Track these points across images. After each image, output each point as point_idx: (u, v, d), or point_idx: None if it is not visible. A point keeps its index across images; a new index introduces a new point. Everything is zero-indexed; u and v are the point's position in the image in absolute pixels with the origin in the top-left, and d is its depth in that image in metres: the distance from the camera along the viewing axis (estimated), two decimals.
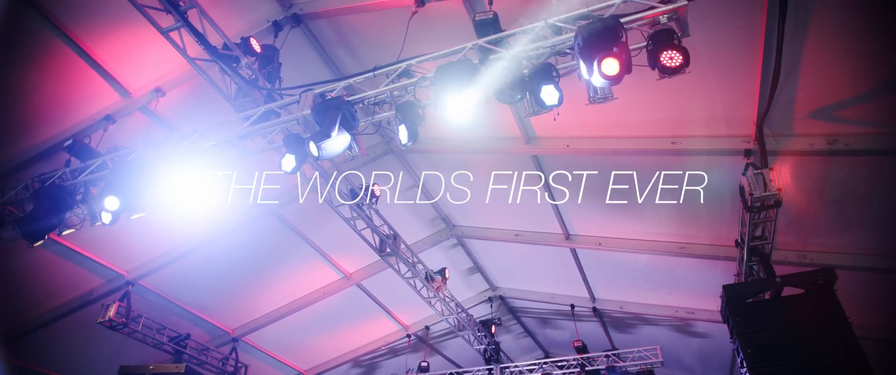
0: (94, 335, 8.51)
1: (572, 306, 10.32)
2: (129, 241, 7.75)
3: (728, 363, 11.50)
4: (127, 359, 8.48)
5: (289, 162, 4.74)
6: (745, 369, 5.65)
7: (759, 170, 5.33)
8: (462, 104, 4.14)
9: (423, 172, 8.13)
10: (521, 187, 7.98)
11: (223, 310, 9.45)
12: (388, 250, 7.24)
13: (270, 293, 9.39)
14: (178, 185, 5.62)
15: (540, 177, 7.51)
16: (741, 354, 5.68)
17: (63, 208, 5.45)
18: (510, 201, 8.40)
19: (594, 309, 10.28)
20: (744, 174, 5.44)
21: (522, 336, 13.14)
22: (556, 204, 7.99)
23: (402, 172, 8.12)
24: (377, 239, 7.19)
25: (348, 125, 4.33)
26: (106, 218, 5.37)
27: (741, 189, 5.48)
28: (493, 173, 7.94)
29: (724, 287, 5.91)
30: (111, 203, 5.06)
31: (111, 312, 7.66)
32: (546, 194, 7.78)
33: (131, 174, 5.15)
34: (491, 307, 11.10)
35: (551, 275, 10.08)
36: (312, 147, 4.26)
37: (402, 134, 4.43)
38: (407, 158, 7.86)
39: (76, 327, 8.40)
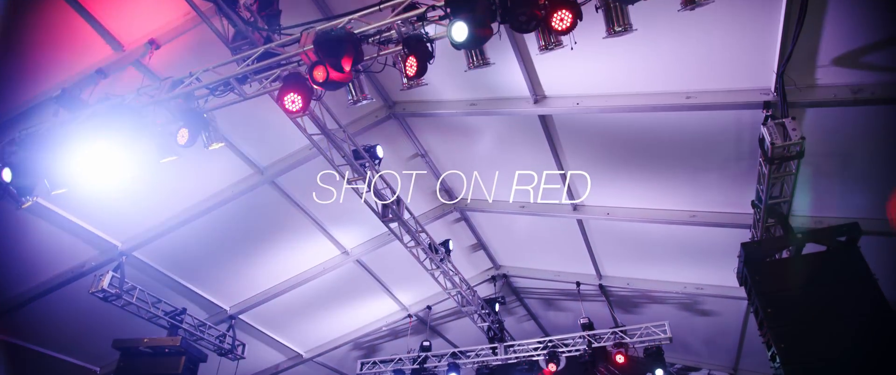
0: (88, 309, 8.26)
1: (578, 283, 10.10)
2: (122, 211, 7.50)
3: (735, 347, 11.32)
4: (121, 334, 8.21)
5: (293, 101, 4.48)
6: (765, 329, 5.43)
7: (780, 120, 5.10)
8: (475, 32, 3.87)
9: (426, 138, 7.88)
10: (528, 156, 7.77)
11: (220, 287, 9.19)
12: (391, 216, 6.99)
13: (268, 268, 9.13)
14: (169, 143, 5.40)
15: (547, 143, 7.28)
16: (761, 314, 5.46)
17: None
18: (516, 170, 8.19)
19: (600, 287, 10.05)
20: (764, 125, 5.20)
21: (525, 319, 12.90)
22: (563, 173, 7.75)
23: (404, 140, 7.87)
24: (379, 204, 6.95)
25: (354, 58, 4.09)
26: None
27: (761, 140, 5.26)
28: (499, 141, 7.75)
29: (743, 245, 5.69)
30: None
31: (104, 282, 7.41)
32: (553, 161, 7.53)
33: (122, 122, 4.89)
34: (494, 286, 10.87)
35: (557, 251, 9.85)
36: (318, 72, 4.00)
37: (410, 66, 4.15)
38: (409, 123, 7.61)
39: (68, 301, 8.13)
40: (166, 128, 5.51)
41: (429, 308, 10.92)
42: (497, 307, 10.05)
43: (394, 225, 7.25)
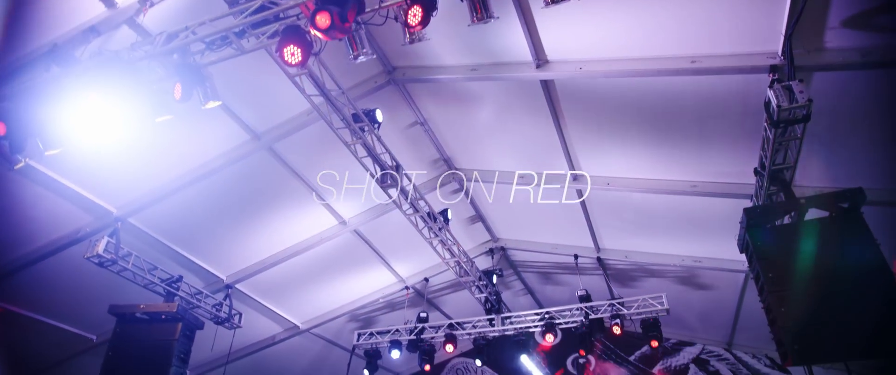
0: (83, 276, 8.19)
1: (576, 256, 10.08)
2: (117, 176, 7.38)
3: (730, 322, 11.40)
4: (117, 302, 8.14)
5: (292, 53, 4.36)
6: (766, 294, 5.41)
7: (787, 82, 5.01)
8: None
9: (425, 106, 7.77)
10: (528, 124, 7.69)
11: (216, 255, 9.11)
12: (390, 182, 6.91)
13: (264, 238, 9.06)
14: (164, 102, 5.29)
15: (548, 111, 7.19)
16: (762, 279, 5.44)
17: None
18: (517, 140, 8.12)
19: (598, 259, 10.04)
20: (770, 88, 5.12)
21: (522, 293, 12.94)
22: (564, 142, 7.67)
23: (403, 107, 7.76)
24: (378, 169, 6.86)
25: (357, 8, 3.97)
26: None
27: (767, 103, 5.18)
28: (500, 109, 7.65)
29: (745, 210, 5.64)
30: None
31: (100, 247, 7.31)
32: (555, 130, 7.45)
33: (116, 77, 4.76)
34: (492, 259, 10.85)
35: (555, 224, 9.81)
36: (321, 17, 3.87)
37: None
38: (408, 90, 7.49)
39: (63, 267, 8.04)
40: (161, 85, 5.40)
41: (426, 280, 10.91)
42: (495, 278, 10.04)
43: (392, 191, 7.17)
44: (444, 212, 8.32)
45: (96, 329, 9.40)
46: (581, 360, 13.00)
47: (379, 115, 6.47)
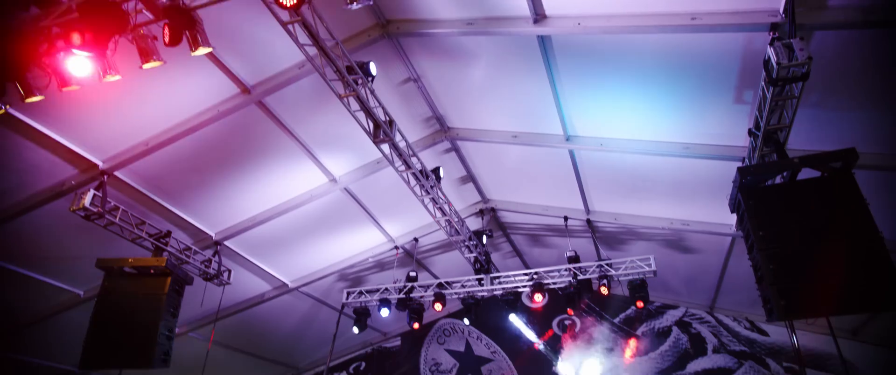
0: (69, 230, 8.09)
1: (566, 218, 10.13)
2: (102, 128, 7.21)
3: (714, 286, 11.62)
4: (105, 256, 8.06)
5: None
6: (755, 252, 5.49)
7: (787, 40, 4.97)
8: None
9: (419, 62, 7.63)
10: (523, 83, 7.59)
11: (205, 212, 9.01)
12: (382, 137, 6.83)
13: (254, 194, 8.96)
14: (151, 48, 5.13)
15: (544, 68, 7.09)
16: (752, 237, 5.50)
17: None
18: (511, 99, 8.03)
19: (588, 222, 10.10)
20: (770, 45, 5.07)
21: (510, 255, 13.04)
22: (559, 102, 7.60)
23: (396, 64, 7.61)
24: (371, 123, 6.77)
25: None
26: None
27: (766, 61, 5.14)
28: (495, 67, 7.54)
29: (739, 169, 5.67)
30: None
31: (85, 200, 7.19)
32: (550, 88, 7.37)
33: (101, 18, 4.58)
34: (482, 221, 10.88)
35: (546, 185, 9.83)
36: None
37: None
38: (402, 44, 7.33)
39: (49, 221, 7.92)
40: (148, 30, 5.23)
41: (415, 240, 10.93)
42: (484, 239, 10.08)
43: (385, 147, 7.10)
44: (435, 170, 8.28)
45: (84, 285, 9.33)
46: (567, 321, 13.23)
47: (373, 68, 6.34)
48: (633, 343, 12.74)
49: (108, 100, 6.82)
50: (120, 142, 7.44)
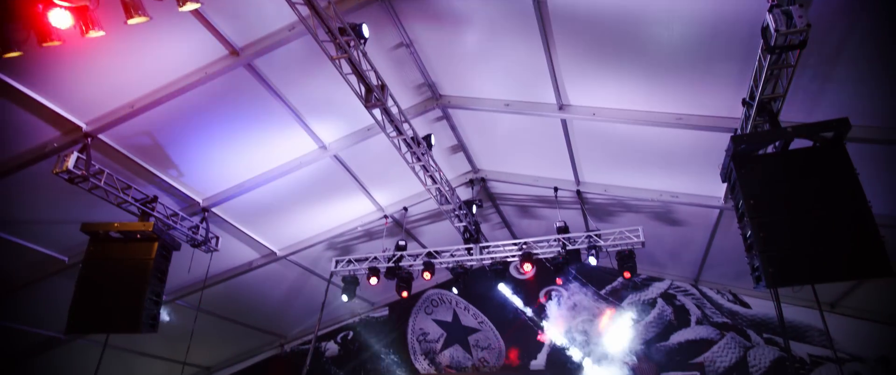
0: (52, 195, 7.94)
1: (556, 188, 10.14)
2: (86, 89, 7.00)
3: (699, 259, 11.78)
4: (90, 221, 7.93)
5: None
6: (745, 220, 5.53)
7: (786, 7, 4.93)
8: None
9: (412, 27, 7.48)
10: (517, 49, 7.49)
11: (192, 178, 8.88)
12: (374, 102, 6.72)
13: (242, 161, 8.84)
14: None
15: (539, 34, 6.99)
16: (742, 205, 5.54)
17: None
18: (504, 66, 7.94)
19: (578, 193, 10.13)
20: (769, 12, 5.03)
21: (499, 226, 13.08)
22: (553, 69, 7.53)
23: (389, 28, 7.46)
24: (363, 88, 6.65)
25: None
26: None
27: (764, 28, 5.10)
28: (489, 33, 7.42)
29: (732, 137, 5.68)
30: None
31: (69, 162, 7.03)
32: (544, 55, 7.28)
33: None
34: (472, 191, 10.86)
35: (537, 155, 9.81)
36: None
37: None
38: (395, 7, 7.18)
39: (31, 185, 7.76)
40: None
41: (405, 209, 10.89)
42: (474, 209, 10.07)
43: (376, 112, 6.99)
44: (427, 138, 8.21)
45: (68, 252, 9.18)
46: (554, 292, 13.37)
47: (365, 31, 6.20)
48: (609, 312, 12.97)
49: (92, 61, 6.63)
50: (104, 103, 7.24)
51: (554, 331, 12.77)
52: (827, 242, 5.12)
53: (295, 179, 9.36)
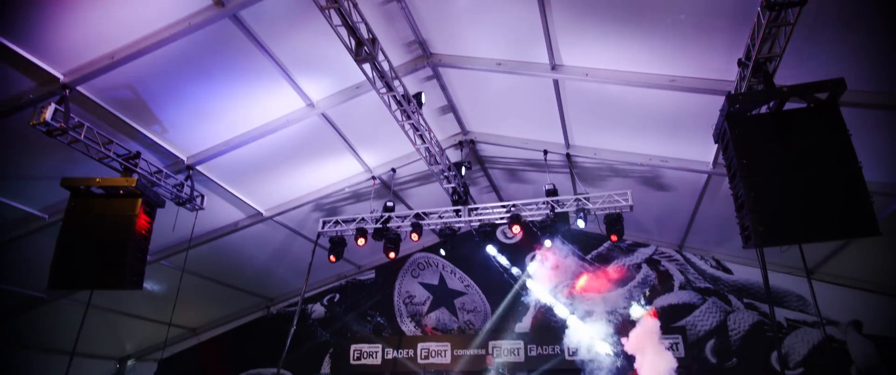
0: (30, 149, 7.73)
1: (545, 151, 10.09)
2: (63, 39, 6.73)
3: (684, 225, 11.89)
4: (71, 175, 7.72)
5: None
6: (737, 180, 5.53)
7: None
8: None
9: None
10: (511, 6, 7.32)
11: (176, 134, 8.66)
12: (364, 56, 6.55)
13: (227, 118, 8.63)
14: None
15: None
16: (735, 165, 5.54)
17: None
18: (497, 24, 7.77)
19: (567, 156, 10.09)
20: None
21: (487, 190, 13.06)
22: (546, 27, 7.38)
23: None
24: (353, 41, 6.46)
25: None
26: None
27: None
28: None
29: (728, 96, 5.64)
30: None
31: (46, 114, 6.78)
32: (538, 12, 7.12)
33: None
34: (461, 153, 10.78)
35: (528, 117, 9.72)
36: None
37: None
38: None
39: (5, 138, 7.52)
40: None
41: (393, 170, 10.79)
42: (463, 170, 10.00)
43: (366, 67, 6.82)
44: (417, 96, 8.06)
45: (49, 209, 9.00)
46: (540, 256, 13.45)
47: None
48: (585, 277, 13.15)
49: (69, 8, 6.37)
50: (82, 54, 6.97)
51: (539, 291, 12.91)
52: (817, 202, 5.14)
53: (282, 138, 9.18)
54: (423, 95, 8.19)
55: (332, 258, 10.63)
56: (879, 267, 10.36)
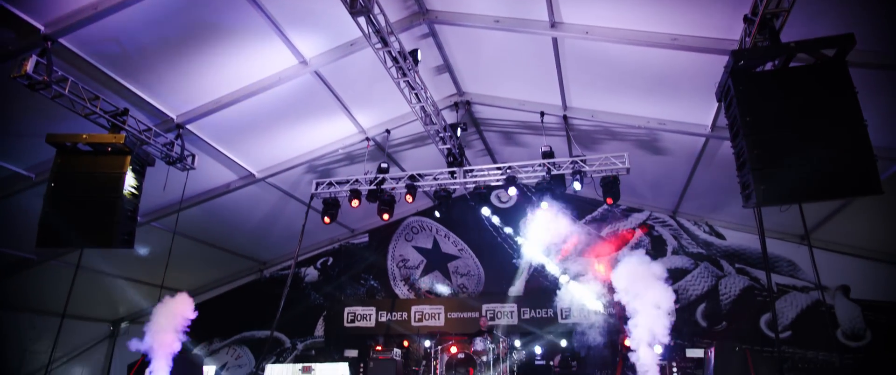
0: (13, 106, 7.50)
1: (542, 113, 9.94)
2: None
3: (679, 191, 11.87)
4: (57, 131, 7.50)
5: None
6: (740, 138, 5.44)
7: None
8: None
9: None
10: None
11: (165, 91, 8.42)
12: (360, 8, 6.32)
13: (218, 75, 8.38)
14: None
15: None
16: (738, 123, 5.44)
17: None
18: None
19: (564, 118, 9.95)
20: None
21: (482, 154, 12.95)
22: None
23: None
24: None
25: None
26: None
27: None
28: None
29: (733, 52, 5.49)
30: None
31: (28, 66, 6.53)
32: None
33: None
34: (456, 114, 10.60)
35: (525, 78, 9.53)
36: None
37: None
38: None
39: None
40: None
41: (387, 131, 10.61)
42: (459, 132, 9.85)
43: (361, 20, 6.60)
44: (413, 53, 7.85)
45: (35, 169, 8.80)
46: (535, 220, 13.42)
47: None
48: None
49: None
50: (63, 3, 6.69)
51: (532, 253, 12.96)
52: (820, 161, 5.06)
53: (274, 97, 8.96)
54: (419, 53, 7.97)
55: (327, 219, 10.54)
56: (869, 233, 10.45)
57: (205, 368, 11.27)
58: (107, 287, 12.34)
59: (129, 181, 7.34)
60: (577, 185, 9.29)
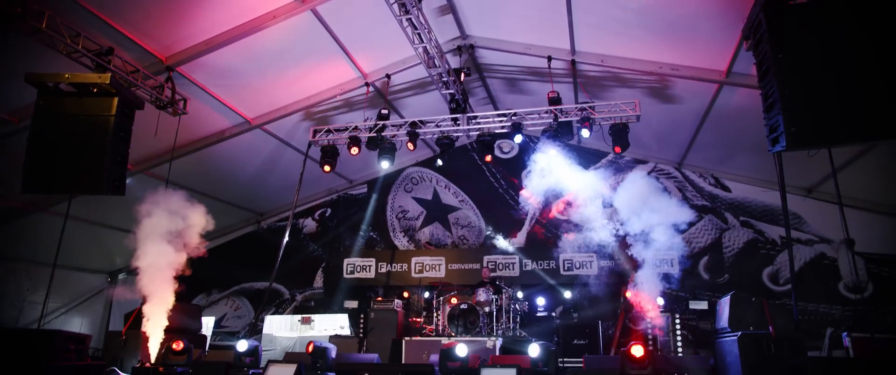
0: None
1: (549, 58, 9.48)
2: None
3: (686, 142, 11.58)
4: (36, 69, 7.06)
5: None
6: (770, 77, 5.10)
7: None
8: None
9: None
10: None
11: (153, 31, 7.92)
12: None
13: (209, 13, 7.87)
14: None
15: None
16: (769, 60, 5.08)
17: None
18: None
19: (572, 63, 9.51)
20: None
21: (484, 101, 12.55)
22: None
23: None
24: None
25: None
26: None
27: None
28: None
29: None
30: None
31: None
32: None
33: None
34: (460, 59, 10.14)
35: (533, 20, 9.02)
36: None
37: None
38: None
39: None
40: None
41: (387, 77, 10.16)
42: (462, 76, 9.42)
43: None
44: None
45: (18, 113, 8.37)
46: (536, 171, 13.14)
47: None
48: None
49: None
50: None
51: (534, 201, 12.74)
52: (856, 101, 4.75)
53: (268, 40, 8.48)
54: None
55: (327, 167, 10.22)
56: (876, 186, 10.24)
57: (203, 319, 11.16)
58: (102, 238, 12.09)
59: (118, 124, 6.94)
60: (585, 133, 8.95)
